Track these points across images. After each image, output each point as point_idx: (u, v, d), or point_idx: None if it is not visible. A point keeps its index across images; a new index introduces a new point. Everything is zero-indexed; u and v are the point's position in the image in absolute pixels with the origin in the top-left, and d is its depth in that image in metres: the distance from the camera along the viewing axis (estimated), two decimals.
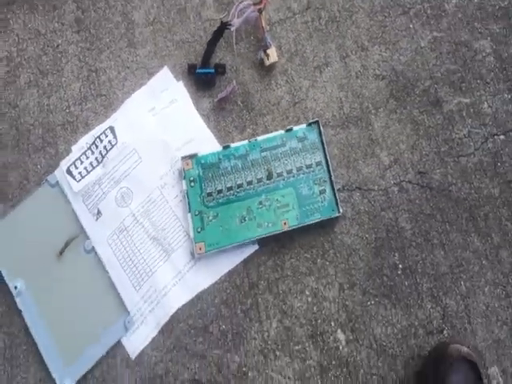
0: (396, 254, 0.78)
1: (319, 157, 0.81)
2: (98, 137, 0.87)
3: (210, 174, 0.82)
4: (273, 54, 0.86)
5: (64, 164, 0.87)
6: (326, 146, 0.80)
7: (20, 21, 0.96)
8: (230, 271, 0.80)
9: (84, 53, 0.93)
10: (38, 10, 0.96)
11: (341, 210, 0.78)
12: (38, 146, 0.90)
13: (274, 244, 0.79)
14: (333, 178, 0.79)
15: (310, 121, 0.82)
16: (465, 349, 0.70)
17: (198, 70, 0.87)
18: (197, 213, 0.81)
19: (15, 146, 0.90)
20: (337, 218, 0.79)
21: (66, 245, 0.85)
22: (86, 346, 0.80)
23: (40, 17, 0.96)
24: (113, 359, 0.80)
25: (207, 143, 0.86)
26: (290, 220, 0.79)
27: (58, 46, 0.94)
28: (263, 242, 0.79)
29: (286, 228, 0.78)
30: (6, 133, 0.91)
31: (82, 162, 0.87)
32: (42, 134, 0.90)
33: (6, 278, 0.84)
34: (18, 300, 0.84)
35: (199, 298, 0.79)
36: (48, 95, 0.92)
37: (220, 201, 0.81)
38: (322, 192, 0.79)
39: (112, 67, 0.91)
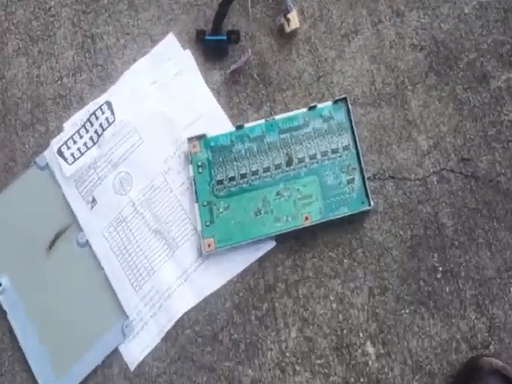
0: (435, 255, 0.66)
1: (347, 140, 0.69)
2: (94, 113, 0.75)
3: (221, 159, 0.70)
4: (294, 20, 0.73)
5: (55, 143, 0.76)
6: (355, 128, 0.68)
7: None
8: (243, 271, 0.68)
9: (79, 16, 0.81)
10: None
11: (372, 203, 0.66)
12: (27, 122, 0.78)
13: (294, 241, 0.68)
14: (363, 164, 0.67)
15: (337, 98, 0.70)
16: (499, 362, 0.60)
17: (208, 37, 0.75)
18: (205, 203, 0.69)
19: (1, 122, 0.79)
20: (367, 211, 0.66)
21: (57, 237, 0.74)
22: (78, 354, 0.70)
23: None
24: (109, 369, 0.70)
25: (218, 122, 0.73)
26: (312, 214, 0.67)
27: (49, 8, 0.82)
28: (281, 238, 0.68)
29: (307, 223, 0.67)
30: None
31: (75, 142, 0.75)
32: (30, 109, 0.79)
33: None
34: (1, 298, 0.72)
35: (207, 301, 0.68)
36: (38, 65, 0.80)
37: (232, 190, 0.69)
38: (350, 181, 0.67)
39: (110, 33, 0.79)
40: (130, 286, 0.70)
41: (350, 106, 0.70)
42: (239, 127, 0.71)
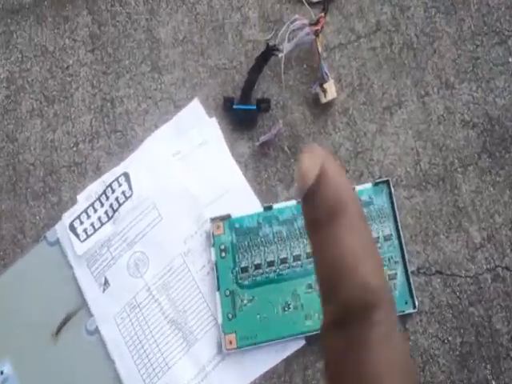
0: (488, 367, 0.56)
1: (388, 228, 0.59)
2: (110, 185, 0.66)
3: (246, 243, 0.61)
4: (331, 89, 0.64)
5: (67, 217, 0.67)
6: (398, 215, 0.58)
7: (25, 34, 0.76)
8: (267, 372, 0.59)
9: (98, 77, 0.72)
10: (46, 21, 0.76)
11: (417, 304, 0.55)
12: (38, 191, 0.70)
13: None
14: (406, 258, 0.56)
15: (378, 180, 0.60)
16: None
17: (236, 106, 0.66)
18: (228, 293, 0.60)
19: (11, 189, 0.70)
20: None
21: (65, 321, 0.65)
22: None
23: (48, 30, 0.75)
24: None
25: (244, 199, 0.64)
26: None
27: (67, 67, 0.73)
28: (312, 337, 0.57)
29: None
30: (1, 172, 0.71)
31: (88, 217, 0.66)
32: (43, 177, 0.70)
33: None
34: None
35: None
36: (53, 128, 0.71)
37: (258, 279, 0.60)
38: (392, 277, 0.57)
39: (131, 96, 0.70)
40: (141, 382, 0.61)
41: (392, 190, 0.59)
42: (267, 208, 0.62)
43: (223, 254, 0.62)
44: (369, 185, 0.62)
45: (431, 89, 0.64)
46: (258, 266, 0.61)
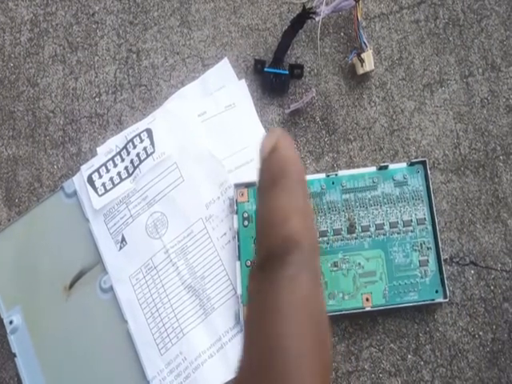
0: None
1: (422, 212, 0.45)
2: (131, 140, 0.50)
3: None
4: (369, 60, 0.48)
5: (85, 169, 0.51)
6: (433, 198, 0.43)
7: None
8: None
9: (125, 27, 0.55)
10: None
11: (448, 294, 0.41)
12: (57, 139, 0.54)
13: (349, 322, 0.45)
14: (440, 245, 0.42)
15: (414, 160, 0.45)
16: None
17: (268, 69, 0.51)
18: (249, 264, 0.46)
19: (29, 135, 0.54)
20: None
21: (79, 276, 0.51)
22: None
23: None
24: None
25: None
26: (374, 296, 0.43)
27: (93, 14, 0.56)
28: (334, 317, 0.43)
29: (368, 307, 0.43)
30: (20, 117, 0.54)
31: (108, 171, 0.51)
32: (63, 125, 0.54)
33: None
34: (12, 338, 0.48)
35: None
36: (75, 76, 0.55)
37: None
38: (424, 263, 0.43)
39: (158, 50, 0.53)
40: (155, 346, 0.47)
41: (428, 172, 0.45)
42: None
43: (246, 223, 0.47)
44: (403, 164, 0.47)
45: (476, 69, 0.49)
46: None
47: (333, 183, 0.48)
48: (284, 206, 0.19)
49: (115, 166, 0.53)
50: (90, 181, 0.53)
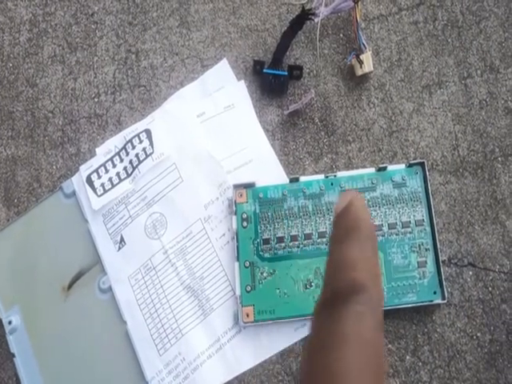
0: None
1: (421, 213, 0.45)
2: (130, 140, 0.50)
3: (270, 214, 0.46)
4: (368, 62, 0.48)
5: (84, 170, 0.51)
6: (431, 200, 0.43)
7: None
8: (284, 350, 0.44)
9: (124, 27, 0.55)
10: None
11: (446, 296, 0.41)
12: (56, 140, 0.54)
13: None
14: (438, 246, 0.42)
15: (412, 161, 0.45)
16: None
17: (267, 70, 0.51)
18: (247, 264, 0.46)
19: (28, 135, 0.54)
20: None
21: (78, 276, 0.50)
22: None
23: None
24: None
25: (269, 169, 0.50)
26: None
27: (92, 14, 0.56)
28: None
29: None
30: (19, 117, 0.54)
31: (106, 171, 0.51)
32: (62, 126, 0.54)
33: None
34: (11, 339, 0.48)
35: (241, 380, 0.44)
36: (75, 76, 0.55)
37: (279, 253, 0.46)
38: (422, 265, 0.43)
39: (157, 51, 0.53)
40: (153, 347, 0.47)
41: (427, 173, 0.45)
42: (294, 180, 0.47)
43: (245, 224, 0.47)
44: (402, 166, 0.47)
45: (474, 71, 0.49)
46: (280, 239, 0.47)
47: (331, 184, 0.48)
48: (354, 255, 0.20)
49: (114, 166, 0.53)
50: (89, 181, 0.53)
